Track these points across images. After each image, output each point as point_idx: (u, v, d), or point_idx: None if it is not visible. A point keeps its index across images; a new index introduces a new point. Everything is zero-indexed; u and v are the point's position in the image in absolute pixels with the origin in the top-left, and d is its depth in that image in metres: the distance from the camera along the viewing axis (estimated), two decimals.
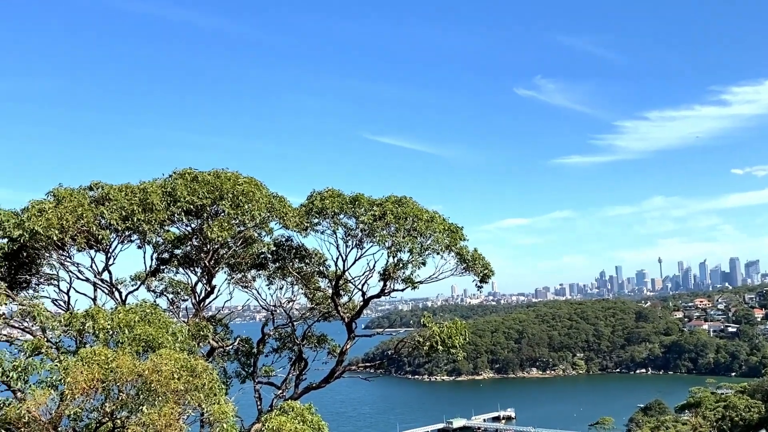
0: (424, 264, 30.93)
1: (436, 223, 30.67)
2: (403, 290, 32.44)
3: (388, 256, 30.97)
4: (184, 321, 30.09)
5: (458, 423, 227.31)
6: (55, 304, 29.48)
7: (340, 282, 34.21)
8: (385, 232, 30.19)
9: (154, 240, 30.36)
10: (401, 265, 30.94)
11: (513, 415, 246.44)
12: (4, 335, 25.67)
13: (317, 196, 31.45)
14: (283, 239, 34.56)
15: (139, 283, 32.57)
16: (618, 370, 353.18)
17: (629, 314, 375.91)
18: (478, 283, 32.54)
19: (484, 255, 31.82)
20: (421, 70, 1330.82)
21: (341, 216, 31.29)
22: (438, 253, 31.03)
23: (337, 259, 32.61)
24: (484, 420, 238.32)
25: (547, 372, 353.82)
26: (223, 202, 28.04)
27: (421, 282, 31.60)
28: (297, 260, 35.31)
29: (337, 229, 31.54)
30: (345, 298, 36.50)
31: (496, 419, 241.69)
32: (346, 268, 32.80)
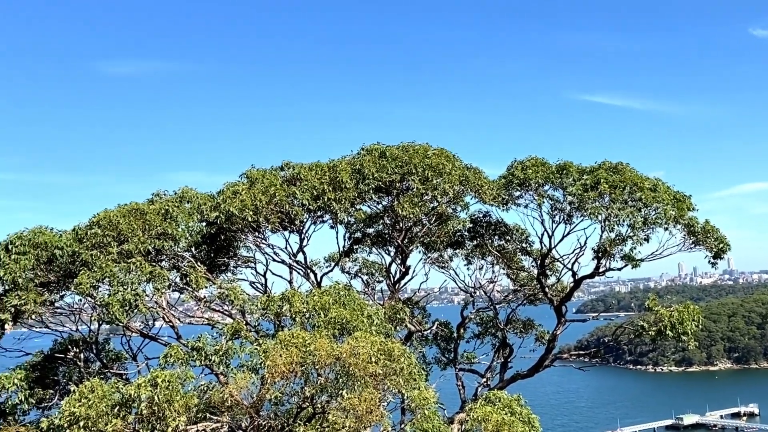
0: (646, 239, 29.47)
1: (660, 191, 29.06)
2: (620, 269, 31.39)
3: (602, 231, 29.89)
4: (379, 303, 31.07)
5: (690, 419, 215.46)
6: (253, 287, 31.79)
7: (547, 261, 33.57)
8: (598, 203, 29.12)
9: (345, 219, 31.55)
10: (619, 240, 29.76)
11: (756, 411, 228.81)
12: (206, 319, 28.04)
13: (518, 166, 30.96)
14: (481, 215, 34.46)
15: (333, 264, 34.09)
16: None
17: None
18: (711, 260, 30.66)
19: (717, 227, 29.80)
20: (634, 15, 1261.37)
21: (546, 187, 30.68)
22: (662, 226, 29.44)
23: (543, 235, 32.13)
24: (721, 416, 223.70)
25: None
26: (413, 177, 28.44)
27: (642, 260, 30.24)
28: (497, 237, 35.09)
29: (542, 202, 30.91)
30: (552, 279, 35.83)
31: (736, 416, 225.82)
32: (552, 246, 32.21)
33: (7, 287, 25.17)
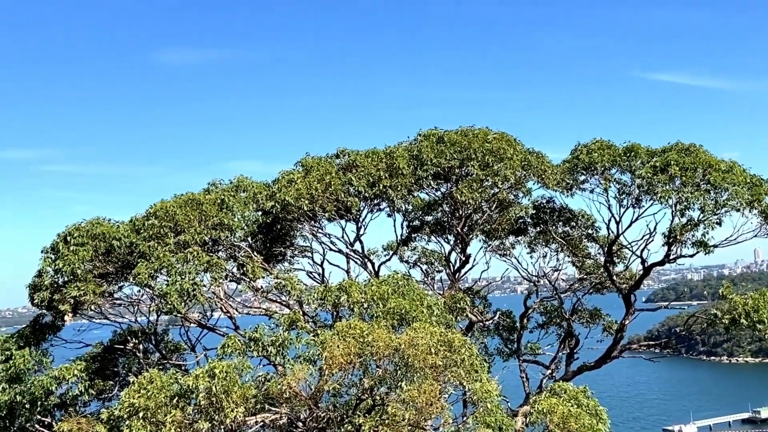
0: (719, 224, 28.74)
1: (735, 174, 28.32)
2: (692, 256, 30.69)
3: (673, 216, 29.30)
4: (439, 293, 31.01)
5: None
6: (309, 277, 32.06)
7: (614, 248, 33.09)
8: (668, 187, 28.54)
9: (403, 207, 31.53)
10: (690, 225, 29.14)
11: None
12: (263, 309, 28.39)
13: (583, 149, 30.54)
14: (544, 201, 34.14)
15: (390, 253, 34.12)
16: None
17: None
18: None
19: None
20: None
21: (613, 171, 30.29)
22: (737, 210, 28.65)
23: (610, 221, 31.69)
24: None
25: None
26: (472, 163, 28.25)
27: (715, 246, 29.54)
28: (561, 224, 34.73)
29: (609, 186, 30.47)
30: (620, 267, 35.36)
31: None
32: (620, 232, 31.79)
33: (66, 278, 25.91)
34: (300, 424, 22.35)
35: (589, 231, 34.78)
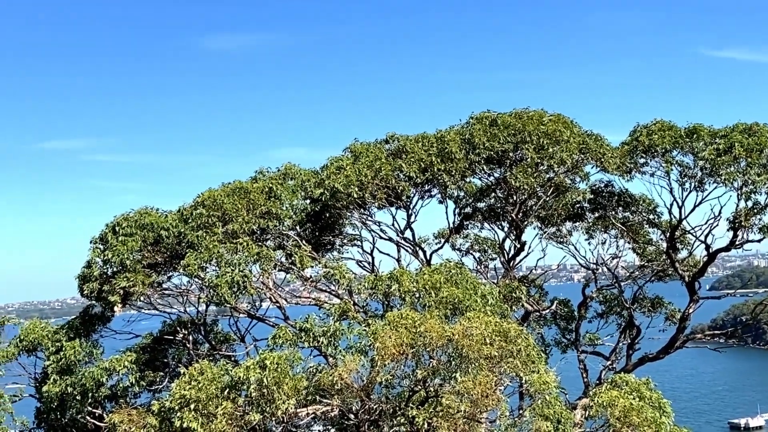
0: None
1: None
2: (759, 241, 30.27)
3: (739, 199, 28.70)
4: (493, 282, 30.89)
5: None
6: (359, 266, 32.24)
7: (677, 233, 32.60)
8: (733, 168, 27.94)
9: (455, 193, 31.45)
10: (756, 209, 28.62)
11: None
12: (312, 299, 28.65)
13: (642, 130, 30.13)
14: (602, 185, 33.74)
15: (442, 241, 34.13)
16: None
17: None
18: None
19: None
20: None
21: (675, 153, 29.83)
22: None
23: (672, 205, 31.25)
24: None
25: None
26: (527, 146, 28.05)
27: None
28: (620, 209, 34.33)
29: (670, 168, 30.05)
30: (683, 253, 34.87)
31: None
32: (683, 217, 31.30)
33: (115, 269, 26.48)
34: (352, 416, 22.53)
35: (650, 216, 34.25)
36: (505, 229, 33.05)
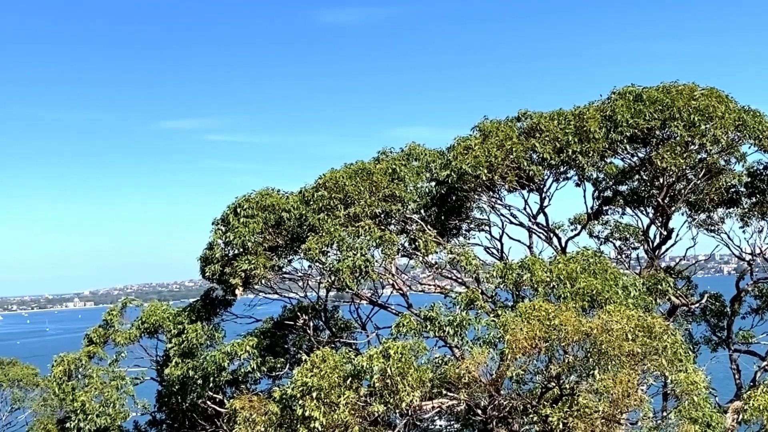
0: None
1: None
2: None
3: None
4: (635, 272, 30.22)
5: None
6: (487, 252, 32.18)
7: None
8: None
9: (593, 175, 30.89)
10: None
11: None
12: (437, 286, 28.83)
13: None
14: (761, 167, 32.38)
15: (579, 227, 33.66)
16: None
17: None
18: None
19: None
20: None
21: None
22: None
23: None
24: None
25: None
26: (675, 123, 27.21)
27: None
28: None
29: None
30: None
31: None
32: None
33: (236, 251, 27.45)
34: (479, 411, 22.63)
35: None
36: (650, 214, 32.24)
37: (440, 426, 27.93)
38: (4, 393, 46.27)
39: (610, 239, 35.61)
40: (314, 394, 20.27)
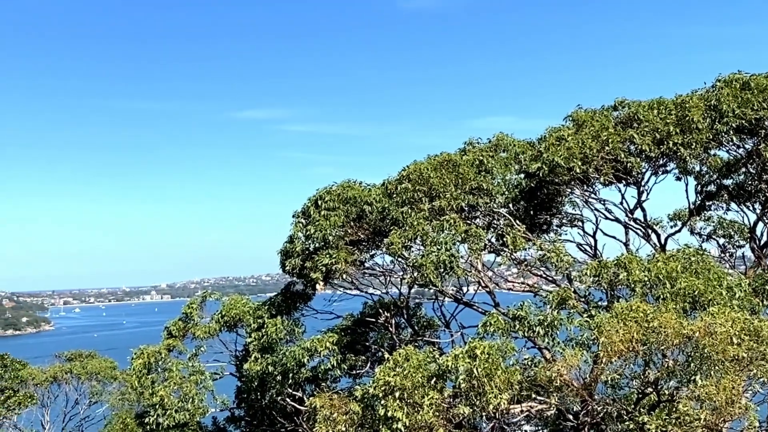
0: None
1: None
2: None
3: None
4: (740, 272, 29.43)
5: None
6: (579, 249, 31.70)
7: None
8: None
9: (696, 168, 30.16)
10: None
11: None
12: (526, 284, 28.57)
13: None
14: None
15: (679, 223, 32.99)
16: None
17: None
18: None
19: None
20: None
21: None
22: None
23: None
24: None
25: None
26: None
27: None
28: None
29: None
30: None
31: None
32: None
33: (317, 245, 27.68)
34: (570, 417, 22.39)
35: None
36: (758, 210, 31.30)
37: (527, 431, 27.74)
38: (83, 386, 47.73)
39: (714, 237, 34.77)
40: (397, 394, 20.35)
